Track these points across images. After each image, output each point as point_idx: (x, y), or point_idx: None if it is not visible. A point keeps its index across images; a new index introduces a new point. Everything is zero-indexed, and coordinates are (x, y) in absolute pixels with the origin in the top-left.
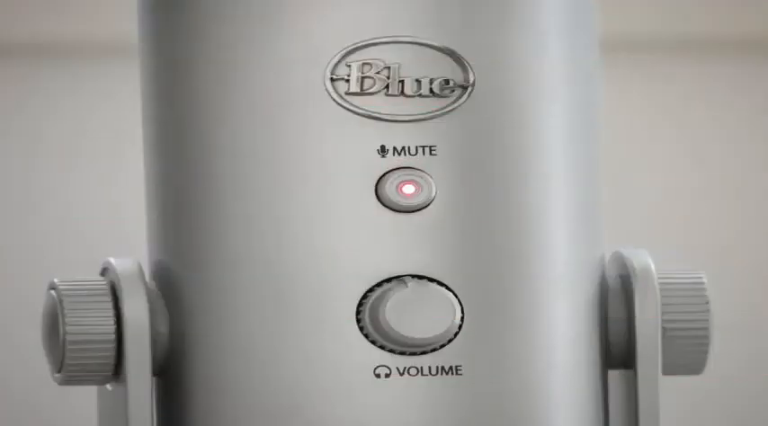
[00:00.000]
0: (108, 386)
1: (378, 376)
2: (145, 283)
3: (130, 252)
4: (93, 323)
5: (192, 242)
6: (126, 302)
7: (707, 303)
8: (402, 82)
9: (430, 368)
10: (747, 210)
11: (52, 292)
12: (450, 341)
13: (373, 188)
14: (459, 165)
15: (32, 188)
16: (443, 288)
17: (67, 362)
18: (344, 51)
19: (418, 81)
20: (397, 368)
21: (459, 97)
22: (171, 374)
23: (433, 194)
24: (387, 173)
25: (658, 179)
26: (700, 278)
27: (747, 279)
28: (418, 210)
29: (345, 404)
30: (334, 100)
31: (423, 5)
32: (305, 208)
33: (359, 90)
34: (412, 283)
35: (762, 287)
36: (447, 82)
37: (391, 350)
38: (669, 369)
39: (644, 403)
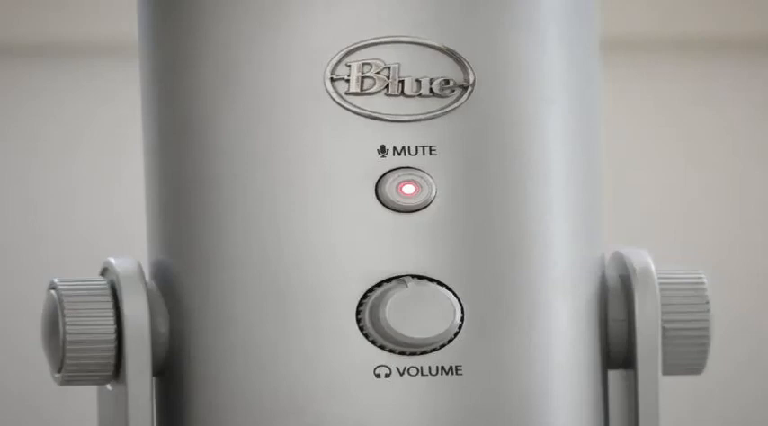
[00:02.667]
0: (108, 386)
1: (378, 376)
2: (145, 283)
3: (130, 252)
4: (93, 323)
5: (192, 242)
6: (126, 302)
7: (707, 303)
8: (402, 82)
9: (430, 368)
10: (747, 210)
11: (52, 292)
12: (450, 341)
13: (373, 188)
14: (459, 165)
15: (32, 187)
16: (443, 288)
17: (67, 362)
18: (344, 51)
19: (418, 81)
20: (397, 368)
21: (459, 97)
22: (171, 374)
23: (433, 194)
24: (387, 172)
25: (658, 179)
26: (700, 278)
27: (747, 279)
28: (418, 210)
29: (345, 404)
30: (334, 100)
31: (423, 5)
32: (305, 208)
33: (359, 90)
34: (412, 283)
35: (762, 287)
36: (447, 82)
37: (391, 350)
38: (669, 369)
39: (644, 403)
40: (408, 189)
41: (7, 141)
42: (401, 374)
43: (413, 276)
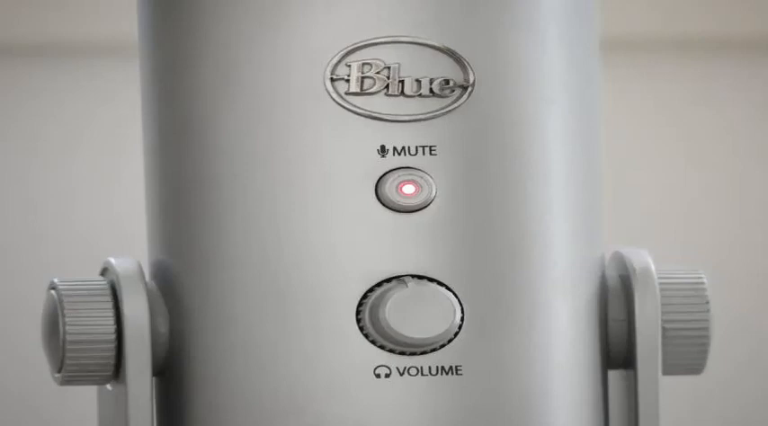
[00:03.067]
0: (108, 386)
1: (378, 376)
2: (145, 283)
3: (130, 252)
4: (93, 323)
5: (192, 242)
6: (126, 302)
7: (707, 303)
8: (402, 82)
9: (430, 368)
10: (747, 210)
11: (52, 292)
12: (450, 341)
13: (373, 188)
14: (459, 165)
15: (32, 187)
16: (443, 288)
17: (67, 362)
18: (344, 51)
19: (418, 81)
20: (397, 368)
21: (459, 97)
22: (171, 374)
23: (433, 194)
24: (387, 172)
25: (658, 179)
26: (700, 278)
27: (747, 279)
28: (418, 210)
29: (345, 404)
30: (334, 100)
31: (423, 5)
32: (305, 208)
33: (359, 90)
34: (412, 283)
35: (762, 287)
36: (447, 82)
37: (391, 350)
38: (669, 369)
39: (644, 403)
40: (408, 189)
41: (7, 141)
42: (401, 374)
43: (413, 276)
